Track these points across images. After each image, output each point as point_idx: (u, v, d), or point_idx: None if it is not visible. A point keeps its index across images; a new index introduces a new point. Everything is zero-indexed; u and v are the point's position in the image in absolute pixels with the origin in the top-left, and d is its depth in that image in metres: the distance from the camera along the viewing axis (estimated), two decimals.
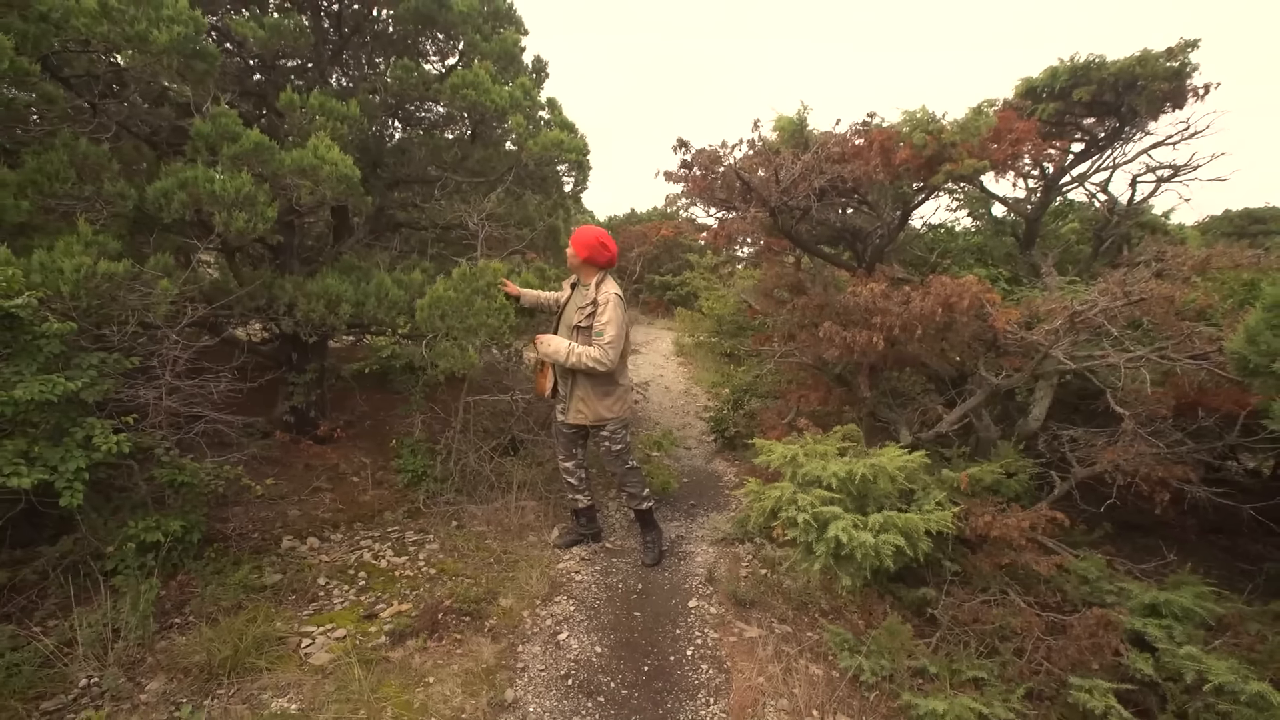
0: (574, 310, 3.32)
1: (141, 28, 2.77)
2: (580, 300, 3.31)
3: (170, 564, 2.94)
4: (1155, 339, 2.70)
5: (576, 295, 3.37)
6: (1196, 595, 2.71)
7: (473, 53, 4.24)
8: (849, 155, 3.15)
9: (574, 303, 3.36)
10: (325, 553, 3.47)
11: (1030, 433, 3.74)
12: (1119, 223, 4.01)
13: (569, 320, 3.34)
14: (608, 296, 3.24)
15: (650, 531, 3.70)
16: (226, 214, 2.97)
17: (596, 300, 3.25)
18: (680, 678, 2.68)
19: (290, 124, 3.46)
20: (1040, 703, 2.63)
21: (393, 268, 4.08)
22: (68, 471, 2.50)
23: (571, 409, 3.39)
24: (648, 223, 15.70)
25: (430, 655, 2.68)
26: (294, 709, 2.27)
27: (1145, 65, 3.22)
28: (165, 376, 2.95)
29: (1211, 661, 2.28)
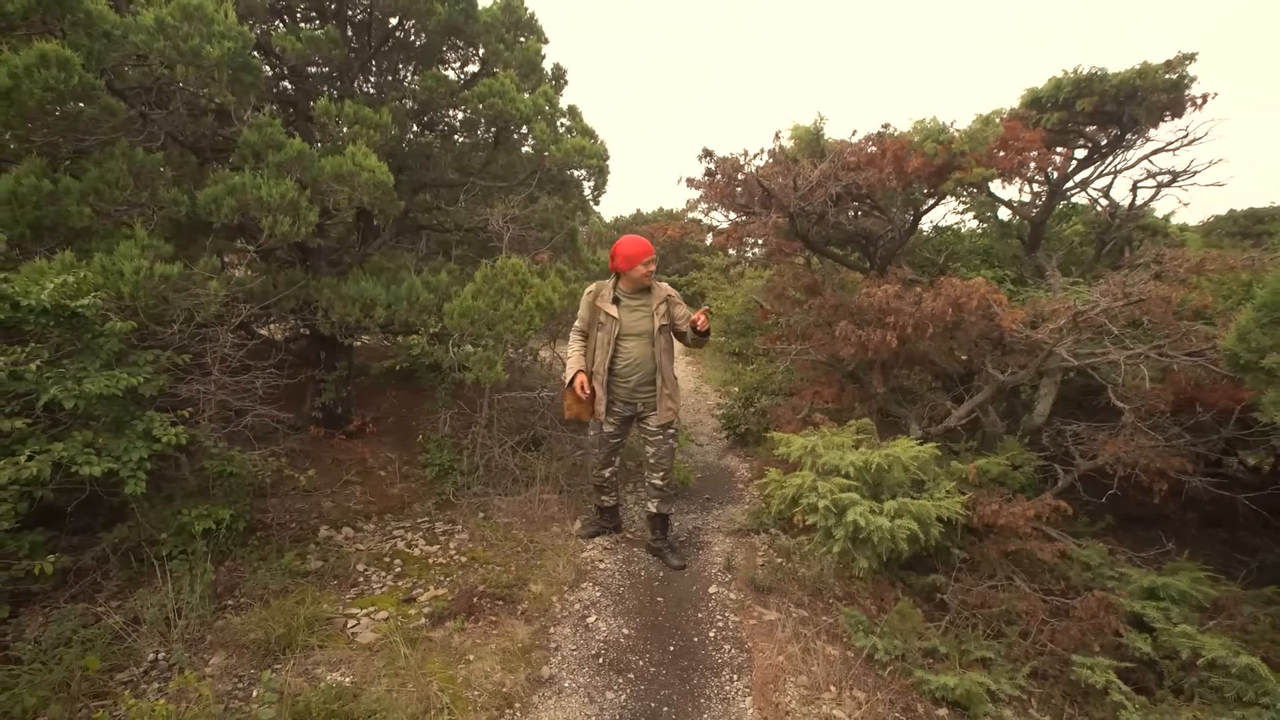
0: (644, 317, 3.41)
1: (195, 43, 2.94)
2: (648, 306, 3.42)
3: (219, 551, 3.10)
4: (1153, 337, 2.85)
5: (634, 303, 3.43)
6: (1193, 580, 2.86)
7: (496, 61, 4.40)
8: (863, 163, 3.31)
9: (638, 311, 3.42)
10: (360, 541, 3.63)
11: (1035, 428, 3.89)
12: (1121, 226, 4.17)
13: (642, 328, 3.40)
14: (667, 289, 3.46)
15: (670, 533, 3.82)
16: (272, 218, 3.13)
17: (669, 295, 3.43)
18: (704, 656, 2.84)
19: (326, 132, 3.62)
20: (1044, 680, 2.78)
21: (419, 269, 4.24)
22: (131, 461, 2.67)
23: (662, 406, 3.43)
24: (654, 223, 15.83)
25: (469, 635, 2.84)
26: (348, 682, 2.43)
27: (1145, 77, 3.39)
28: (214, 373, 3.11)
29: (1205, 639, 2.43)
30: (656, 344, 3.40)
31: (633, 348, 3.42)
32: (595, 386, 3.42)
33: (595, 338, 3.46)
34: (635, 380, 3.44)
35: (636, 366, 3.42)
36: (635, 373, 3.43)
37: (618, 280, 3.47)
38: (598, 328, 3.45)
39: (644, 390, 3.47)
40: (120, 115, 2.89)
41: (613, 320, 3.41)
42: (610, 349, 3.40)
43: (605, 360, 3.42)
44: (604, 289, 3.49)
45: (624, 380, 3.46)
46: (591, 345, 3.50)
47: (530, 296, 3.87)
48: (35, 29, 2.66)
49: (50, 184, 2.87)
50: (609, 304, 3.42)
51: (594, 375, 3.43)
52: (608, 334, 3.41)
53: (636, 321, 3.42)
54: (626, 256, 3.33)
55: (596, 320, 3.46)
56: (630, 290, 3.44)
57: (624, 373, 3.45)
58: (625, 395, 3.49)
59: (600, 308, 3.44)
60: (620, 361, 3.44)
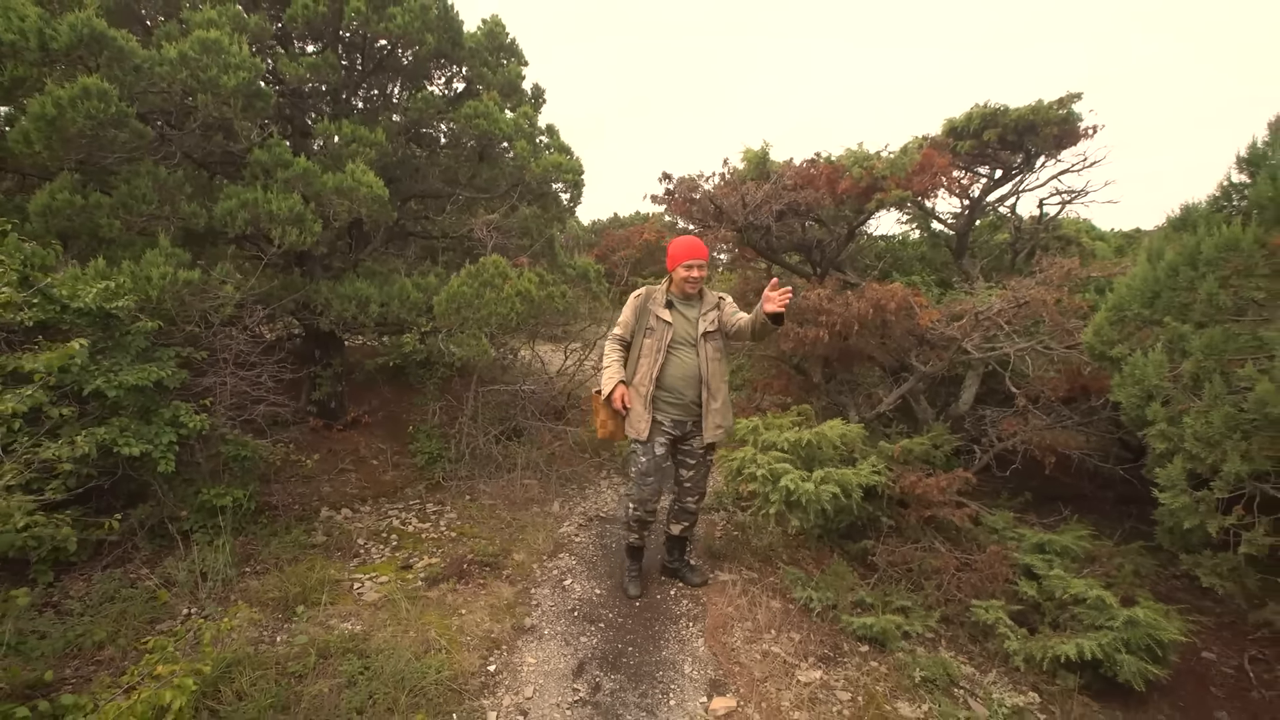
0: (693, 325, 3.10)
1: (213, 73, 3.31)
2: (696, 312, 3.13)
3: (234, 527, 3.47)
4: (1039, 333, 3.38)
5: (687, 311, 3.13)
6: (1076, 537, 3.40)
7: (480, 82, 4.81)
8: (802, 184, 3.81)
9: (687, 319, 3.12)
10: (358, 521, 4.01)
11: (960, 414, 4.43)
12: (1034, 236, 4.74)
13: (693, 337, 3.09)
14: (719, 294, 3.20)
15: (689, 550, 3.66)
16: (282, 229, 3.51)
17: (721, 298, 3.18)
18: (665, 610, 3.30)
19: (327, 149, 4.00)
20: (952, 624, 3.28)
21: (409, 273, 4.63)
22: (162, 444, 3.04)
23: (709, 425, 3.09)
24: (630, 227, 16.27)
25: (460, 594, 3.26)
26: (358, 629, 2.83)
27: (1038, 113, 3.96)
28: (229, 367, 3.49)
29: (1074, 582, 2.95)
30: (702, 353, 3.06)
31: (687, 358, 3.08)
32: (634, 403, 3.08)
33: (640, 345, 3.10)
34: (690, 396, 3.09)
35: (689, 380, 3.07)
36: (689, 388, 3.08)
37: (670, 283, 3.17)
38: (646, 334, 3.09)
39: (696, 406, 3.12)
40: (147, 139, 3.24)
41: (665, 325, 3.06)
42: (660, 359, 3.05)
43: (652, 371, 3.05)
44: (655, 292, 3.16)
45: (676, 395, 3.09)
46: (634, 354, 3.13)
47: (510, 285, 4.28)
48: (74, 63, 3.02)
49: (82, 199, 3.22)
50: (661, 307, 3.09)
51: (635, 387, 3.09)
52: (658, 341, 3.06)
53: (689, 328, 3.11)
54: (671, 255, 3.08)
55: (644, 325, 3.11)
56: (681, 296, 3.13)
57: (676, 386, 3.08)
58: (677, 413, 3.11)
59: (651, 310, 3.10)
60: (671, 373, 3.08)
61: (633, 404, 3.09)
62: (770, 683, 2.74)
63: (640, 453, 3.15)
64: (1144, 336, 2.63)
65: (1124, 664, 2.58)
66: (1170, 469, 2.44)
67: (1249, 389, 2.14)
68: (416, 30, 4.04)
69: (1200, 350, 2.33)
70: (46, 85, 2.93)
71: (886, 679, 2.81)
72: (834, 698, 2.68)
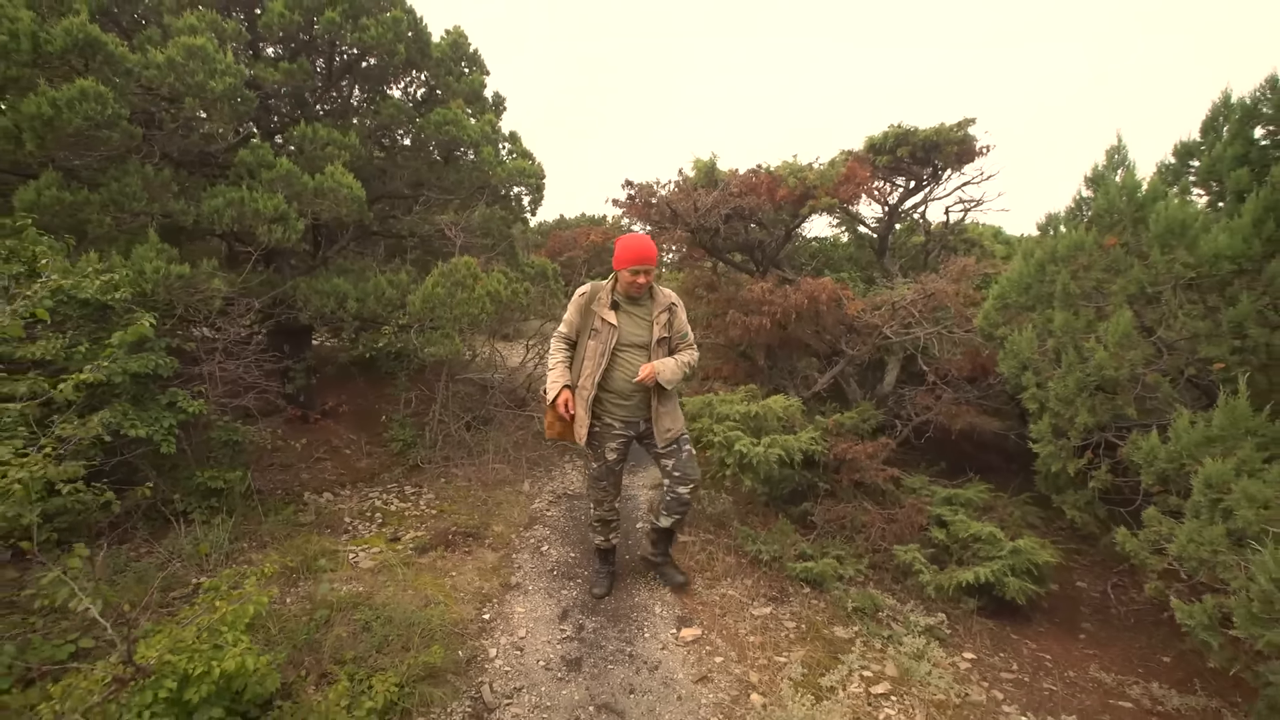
0: (644, 326, 2.97)
1: (200, 78, 3.50)
2: (647, 312, 2.99)
3: (226, 508, 3.65)
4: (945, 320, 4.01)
5: (635, 310, 2.98)
6: (977, 492, 4.04)
7: (446, 91, 5.10)
8: (746, 191, 4.32)
9: (637, 318, 2.97)
10: (341, 503, 4.24)
11: (884, 394, 5.06)
12: (941, 238, 5.46)
13: (641, 339, 2.96)
14: (671, 296, 3.05)
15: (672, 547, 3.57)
16: (267, 227, 3.72)
17: (673, 303, 3.02)
18: (634, 566, 3.72)
19: (301, 151, 4.21)
20: (878, 569, 3.85)
21: (380, 271, 4.87)
22: (162, 427, 3.22)
23: (660, 428, 3.01)
24: (576, 228, 16.59)
25: (449, 560, 3.58)
26: (360, 590, 3.12)
27: (941, 134, 4.65)
28: (217, 357, 3.67)
29: (974, 525, 3.57)
30: (654, 357, 2.94)
31: (635, 360, 2.95)
32: (577, 408, 2.96)
33: (585, 347, 2.97)
34: (637, 399, 2.99)
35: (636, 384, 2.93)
36: (637, 391, 2.97)
37: (616, 282, 2.98)
38: (590, 335, 2.95)
39: (645, 409, 3.03)
40: (137, 139, 3.40)
41: (610, 328, 2.91)
42: (604, 361, 2.91)
43: (596, 374, 2.92)
44: (600, 291, 2.98)
45: (623, 399, 2.98)
46: (579, 356, 3.00)
47: (480, 285, 4.60)
48: (68, 66, 3.16)
49: (70, 195, 3.35)
50: (606, 309, 2.92)
51: (578, 391, 2.96)
52: (602, 343, 2.91)
53: (638, 330, 2.97)
54: (619, 256, 2.89)
55: (589, 327, 2.97)
56: (628, 295, 2.97)
57: (623, 389, 2.96)
58: (625, 415, 3.01)
59: (595, 312, 2.94)
60: (618, 377, 2.95)
61: (577, 408, 2.96)
62: (729, 617, 3.21)
63: (591, 458, 3.12)
64: (1021, 320, 3.26)
65: (1010, 585, 3.19)
66: (1040, 425, 3.06)
67: (1091, 358, 2.76)
68: (389, 41, 4.31)
69: (1059, 329, 2.95)
70: (40, 86, 3.07)
71: (824, 611, 3.33)
72: (782, 625, 3.17)
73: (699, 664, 2.81)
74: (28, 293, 2.14)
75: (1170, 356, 2.72)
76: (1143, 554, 2.26)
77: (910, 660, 2.90)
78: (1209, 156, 3.15)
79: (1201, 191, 3.30)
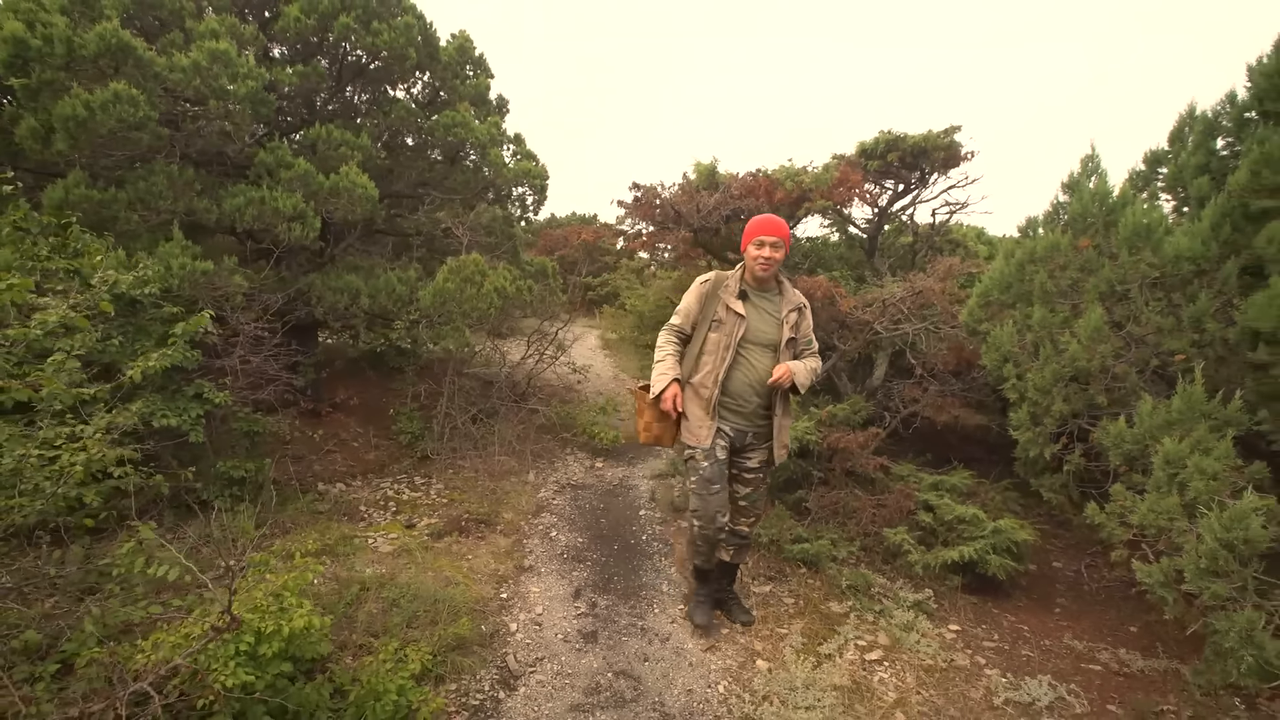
0: (773, 325, 2.71)
1: (223, 81, 3.64)
2: (777, 309, 2.74)
3: (248, 497, 3.79)
4: (932, 316, 4.26)
5: (765, 305, 2.73)
6: (961, 478, 4.29)
7: (452, 94, 5.25)
8: (745, 193, 4.53)
9: (766, 314, 2.72)
10: (354, 493, 4.39)
11: (874, 387, 5.30)
12: (928, 239, 5.73)
13: (769, 337, 2.70)
14: (800, 296, 2.82)
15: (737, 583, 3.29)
16: (286, 226, 3.86)
17: (803, 304, 2.80)
18: (640, 549, 3.92)
19: (315, 151, 4.35)
20: (869, 550, 4.08)
21: (389, 268, 5.01)
22: (190, 417, 3.36)
23: (778, 443, 2.78)
24: (567, 226, 16.74)
25: (464, 545, 3.75)
26: (383, 572, 3.28)
27: (929, 141, 4.91)
28: (238, 351, 3.80)
29: (959, 508, 3.81)
30: (783, 360, 2.67)
31: (759, 360, 2.68)
32: (692, 406, 2.71)
33: (704, 339, 2.70)
34: (755, 404, 2.71)
35: (759, 388, 2.67)
36: (758, 395, 2.69)
37: (744, 270, 2.75)
38: (712, 326, 2.69)
39: (761, 417, 2.76)
40: (164, 139, 3.53)
41: (737, 319, 2.65)
42: (729, 357, 2.64)
43: (719, 371, 2.65)
44: (727, 279, 2.75)
45: (741, 402, 2.70)
46: (695, 349, 2.72)
47: (489, 282, 4.78)
48: (100, 69, 3.29)
49: (98, 194, 3.47)
50: (733, 297, 2.68)
51: (696, 388, 2.71)
52: (727, 336, 2.65)
53: (766, 327, 2.70)
54: (745, 233, 2.69)
55: (710, 317, 2.70)
56: (758, 286, 2.73)
57: (743, 393, 2.69)
58: (738, 421, 2.73)
59: (723, 299, 2.68)
60: (739, 377, 2.68)
61: (688, 407, 2.71)
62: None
63: (701, 457, 2.70)
64: (1002, 316, 3.49)
65: (991, 562, 3.43)
66: (1019, 413, 3.30)
67: (1066, 351, 3.00)
68: (401, 46, 4.46)
69: (1037, 324, 3.19)
70: (73, 89, 3.19)
71: (820, 589, 3.56)
72: (782, 601, 3.39)
73: (706, 635, 3.01)
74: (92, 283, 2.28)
75: (1137, 349, 2.96)
76: (1110, 526, 2.50)
77: (900, 631, 3.12)
78: (1175, 165, 3.41)
79: (1169, 197, 3.57)
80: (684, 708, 2.49)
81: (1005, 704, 2.61)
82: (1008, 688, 2.70)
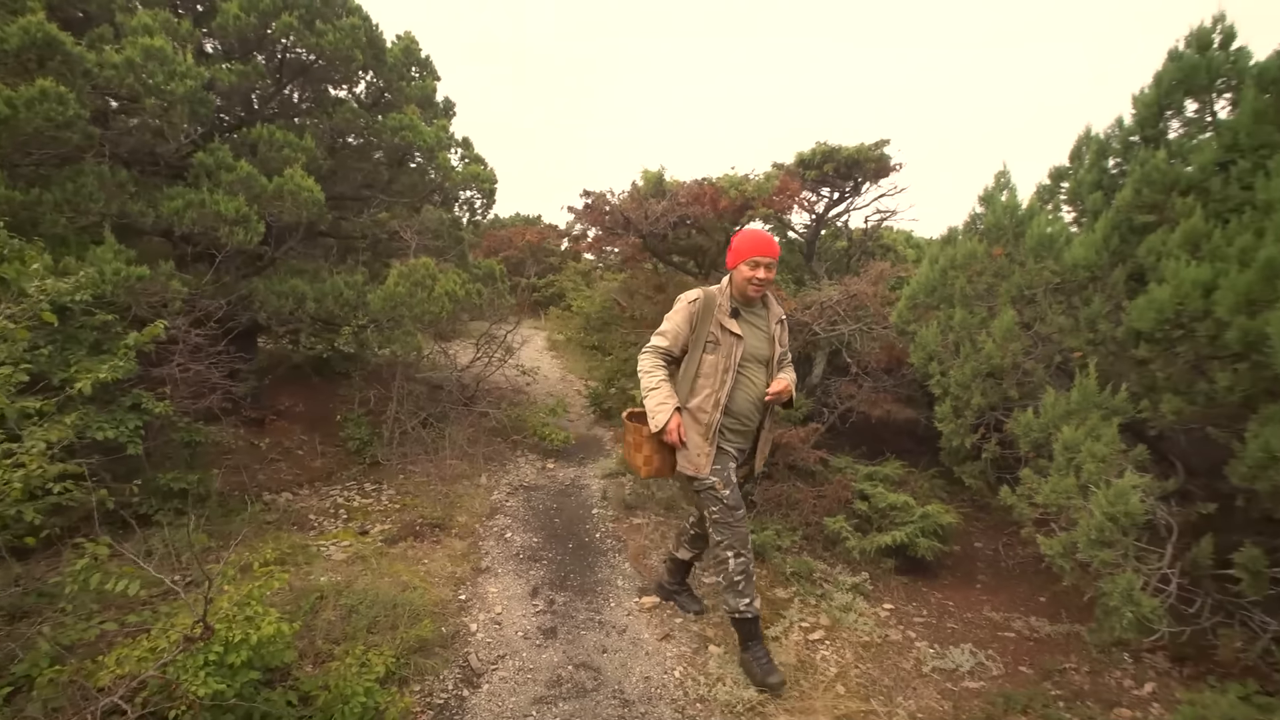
0: (765, 340, 2.70)
1: (159, 80, 3.52)
2: (765, 323, 2.73)
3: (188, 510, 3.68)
4: (865, 318, 4.56)
5: (755, 320, 2.70)
6: (893, 469, 4.61)
7: (399, 96, 5.21)
8: (691, 201, 4.72)
9: (758, 329, 2.69)
10: (301, 501, 4.31)
11: (814, 384, 5.58)
12: (862, 244, 6.09)
13: (763, 352, 2.68)
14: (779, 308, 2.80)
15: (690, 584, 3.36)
16: (229, 229, 3.77)
17: (784, 316, 2.81)
18: (594, 546, 4.03)
19: (261, 153, 4.25)
20: (810, 539, 4.33)
21: (334, 271, 4.93)
22: (128, 429, 3.24)
23: (760, 455, 2.83)
24: (511, 227, 16.63)
25: (419, 549, 3.77)
26: (339, 579, 3.27)
27: (861, 153, 5.24)
28: (176, 359, 3.69)
29: (890, 495, 4.10)
30: (773, 373, 2.67)
31: (756, 377, 2.64)
32: (690, 433, 2.59)
33: (698, 362, 2.59)
34: (755, 422, 2.71)
35: (758, 404, 2.65)
36: (757, 412, 2.68)
37: (731, 285, 2.66)
38: (707, 348, 2.58)
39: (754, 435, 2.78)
40: (94, 139, 3.38)
41: (734, 339, 2.56)
42: (729, 380, 2.55)
43: (719, 395, 2.55)
44: (718, 297, 2.63)
45: (743, 422, 2.66)
46: (690, 372, 2.61)
47: (440, 286, 4.77)
48: (23, 65, 3.13)
49: (20, 194, 3.30)
50: (728, 316, 2.59)
51: (695, 414, 2.59)
52: (725, 358, 2.56)
53: (759, 343, 2.66)
54: (735, 250, 2.61)
55: (704, 339, 2.59)
56: (745, 302, 2.66)
57: (745, 412, 2.64)
58: (740, 441, 2.70)
59: (718, 319, 2.58)
60: (741, 397, 2.61)
61: (687, 434, 2.59)
62: None
63: (720, 484, 2.59)
64: (928, 317, 3.80)
65: (920, 544, 3.73)
66: (943, 407, 3.60)
67: (983, 349, 3.31)
68: (347, 48, 4.41)
69: (958, 325, 3.50)
70: None
71: (766, 577, 3.76)
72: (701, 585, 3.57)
73: (661, 625, 3.15)
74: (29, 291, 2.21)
75: (1043, 347, 3.30)
76: (1021, 506, 2.79)
77: (840, 612, 3.36)
78: (1075, 180, 3.79)
79: (1070, 209, 3.96)
80: (642, 693, 2.62)
81: (933, 671, 2.87)
82: (935, 657, 2.97)
